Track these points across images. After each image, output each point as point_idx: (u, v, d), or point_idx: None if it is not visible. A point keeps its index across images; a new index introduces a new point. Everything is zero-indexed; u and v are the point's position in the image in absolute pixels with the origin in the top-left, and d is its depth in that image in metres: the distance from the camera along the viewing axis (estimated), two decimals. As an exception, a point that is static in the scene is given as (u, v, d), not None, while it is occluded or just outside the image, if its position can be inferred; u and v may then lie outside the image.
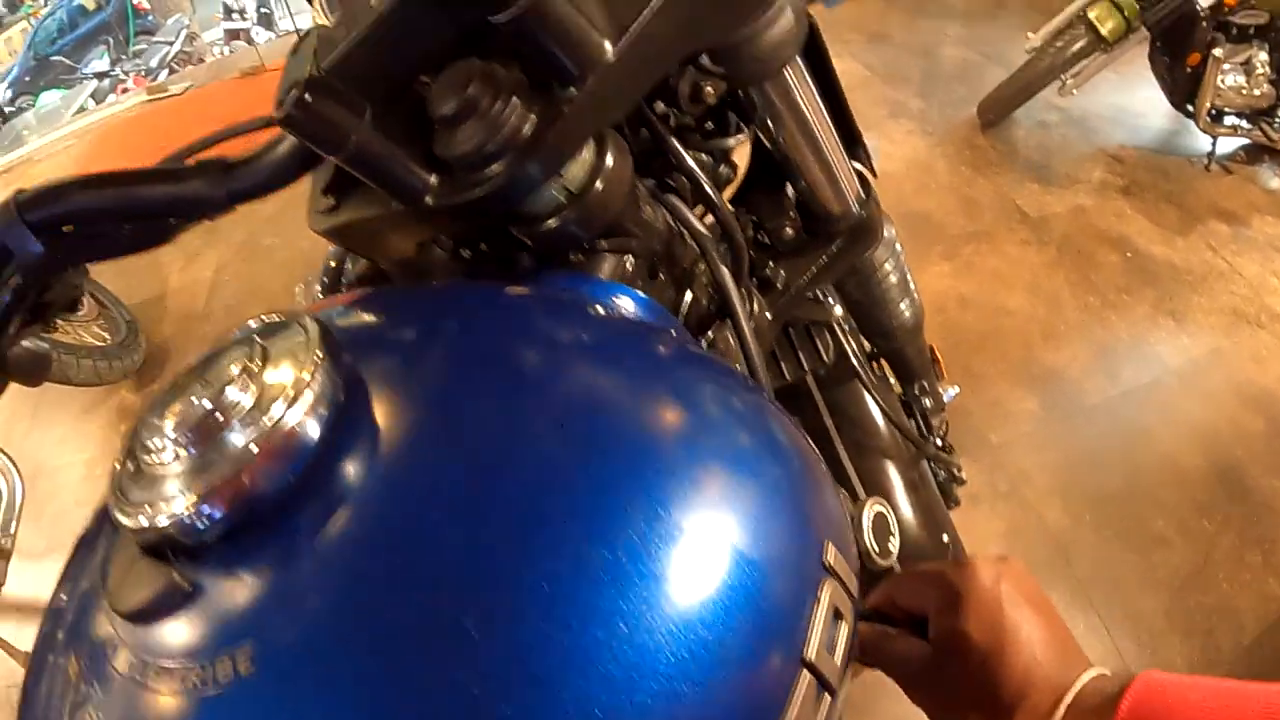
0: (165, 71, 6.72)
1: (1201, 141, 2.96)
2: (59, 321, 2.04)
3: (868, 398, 0.94)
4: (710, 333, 0.62)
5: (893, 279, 0.96)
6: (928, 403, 1.20)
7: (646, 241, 0.55)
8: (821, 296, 0.87)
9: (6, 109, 7.36)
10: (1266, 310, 2.40)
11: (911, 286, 1.00)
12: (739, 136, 0.65)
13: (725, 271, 0.57)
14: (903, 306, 1.00)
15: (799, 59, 0.58)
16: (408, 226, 0.51)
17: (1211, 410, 2.12)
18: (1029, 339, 2.29)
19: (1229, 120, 2.88)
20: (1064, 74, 2.79)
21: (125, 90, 6.69)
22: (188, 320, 2.89)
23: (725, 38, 0.51)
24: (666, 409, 0.39)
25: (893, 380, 1.18)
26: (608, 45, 0.42)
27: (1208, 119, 2.85)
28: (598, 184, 0.47)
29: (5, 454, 2.05)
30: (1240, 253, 2.61)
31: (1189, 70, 2.83)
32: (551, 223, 0.47)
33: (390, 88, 0.43)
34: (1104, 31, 2.72)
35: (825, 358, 0.84)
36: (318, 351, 0.34)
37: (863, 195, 0.75)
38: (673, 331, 0.50)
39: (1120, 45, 2.78)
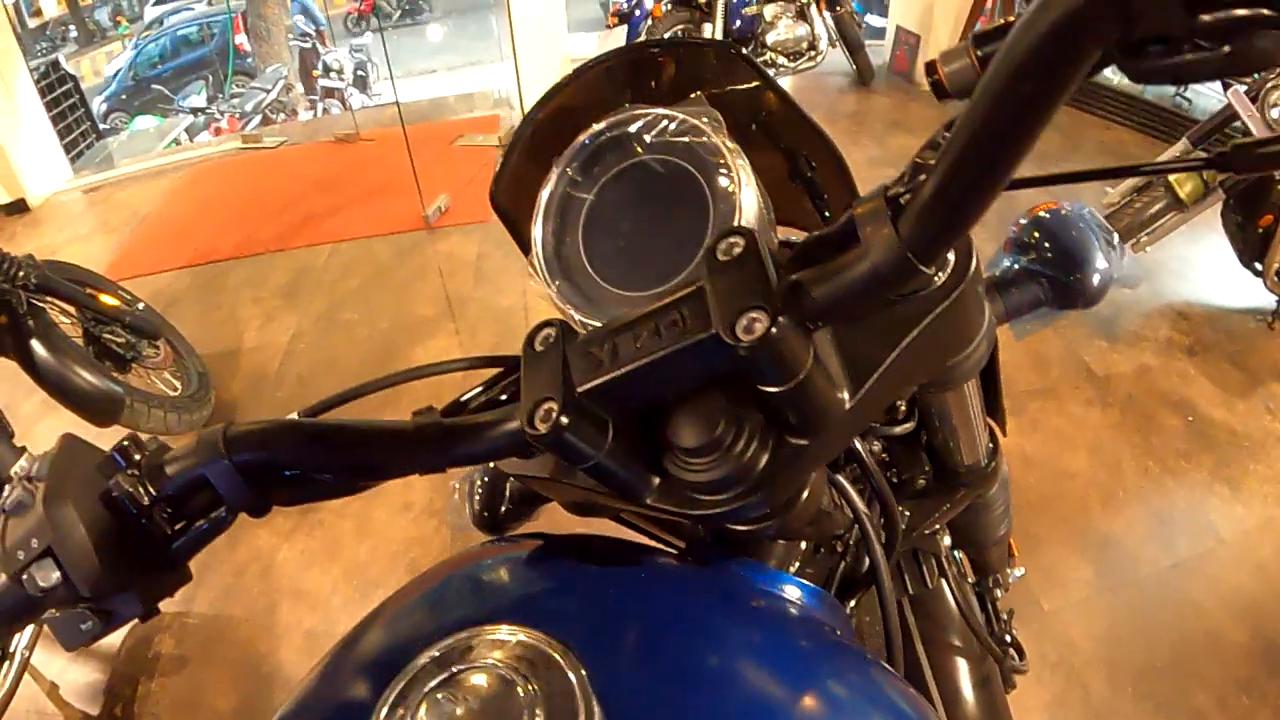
0: (258, 118, 7.00)
1: (1267, 300, 2.98)
2: (133, 364, 2.09)
3: (950, 599, 0.96)
4: (854, 600, 0.64)
5: (999, 511, 0.99)
6: (999, 594, 1.21)
7: (819, 530, 0.57)
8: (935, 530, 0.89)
9: (100, 125, 7.57)
10: (1321, 479, 2.37)
11: (1011, 510, 1.03)
12: (905, 426, 0.69)
13: (881, 554, 0.58)
14: (1001, 528, 1.03)
15: None
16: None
17: (1260, 583, 2.09)
18: (1088, 504, 2.28)
19: (1296, 280, 2.89)
20: (1140, 233, 2.82)
21: (219, 130, 6.98)
22: (258, 383, 2.94)
23: (937, 373, 0.54)
24: None
25: (967, 568, 1.20)
26: (846, 397, 0.44)
27: (1275, 278, 2.85)
28: (803, 496, 0.49)
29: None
30: None
31: (1260, 230, 2.85)
32: (748, 527, 0.49)
33: (636, 411, 0.45)
34: (1183, 194, 2.76)
35: (928, 584, 0.87)
36: (594, 705, 0.37)
37: (991, 449, 0.78)
38: (833, 625, 0.52)
39: (1197, 205, 2.81)
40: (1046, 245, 0.76)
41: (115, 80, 10.82)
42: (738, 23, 4.56)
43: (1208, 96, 4.92)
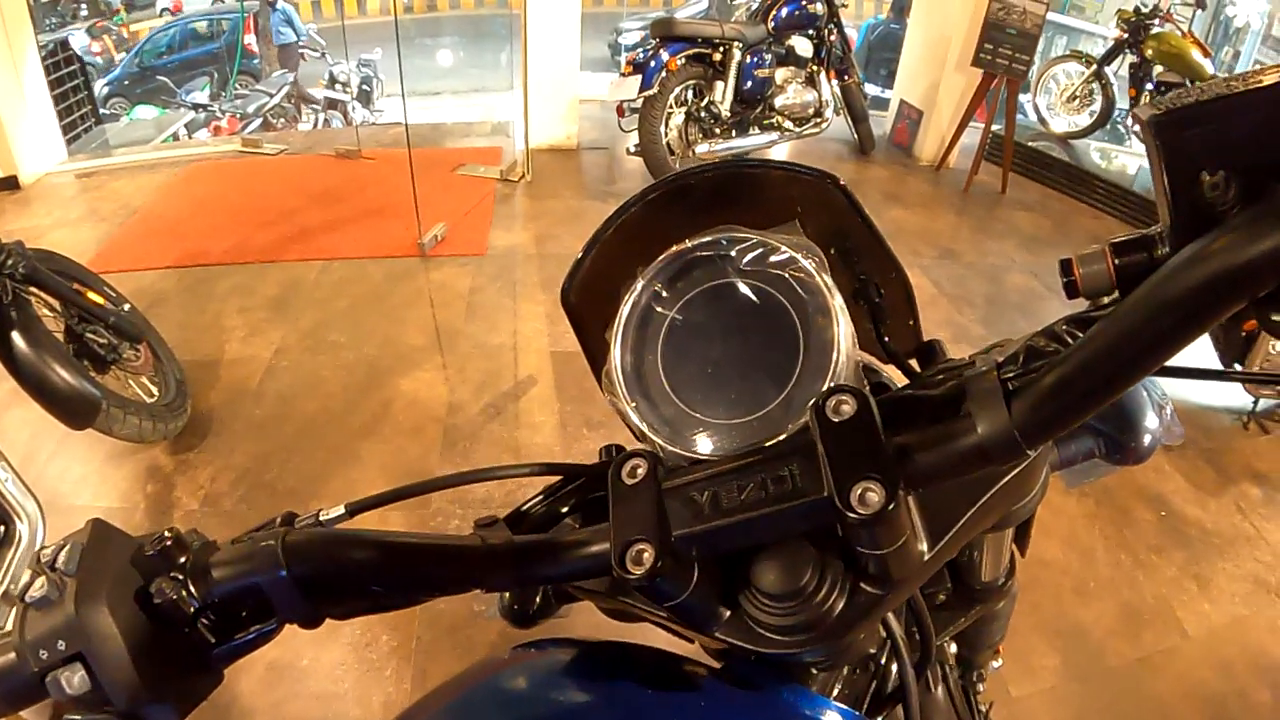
0: (258, 121, 6.98)
1: (1245, 400, 3.09)
2: (113, 366, 2.04)
3: (943, 701, 0.96)
4: (880, 717, 0.64)
5: (1002, 621, 0.99)
6: (981, 688, 1.22)
7: (859, 653, 0.57)
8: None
9: (100, 110, 7.45)
10: (1287, 580, 2.43)
11: (1010, 618, 1.04)
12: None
13: (911, 676, 0.57)
14: (999, 635, 1.03)
15: None
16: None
17: (1224, 680, 2.12)
18: (1060, 593, 2.30)
19: (1276, 383, 2.98)
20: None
21: (218, 130, 6.94)
22: (238, 397, 2.88)
23: (998, 520, 0.53)
24: None
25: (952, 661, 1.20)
26: (925, 549, 0.44)
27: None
28: (862, 635, 0.48)
29: (35, 499, 2.04)
30: (1269, 518, 2.67)
31: (1243, 334, 2.93)
32: (800, 655, 0.47)
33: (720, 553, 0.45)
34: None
35: (931, 688, 0.87)
36: None
37: (1009, 568, 0.79)
38: None
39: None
40: None
41: (120, 65, 10.76)
42: (749, 84, 4.62)
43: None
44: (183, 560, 0.45)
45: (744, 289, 0.50)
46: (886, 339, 0.63)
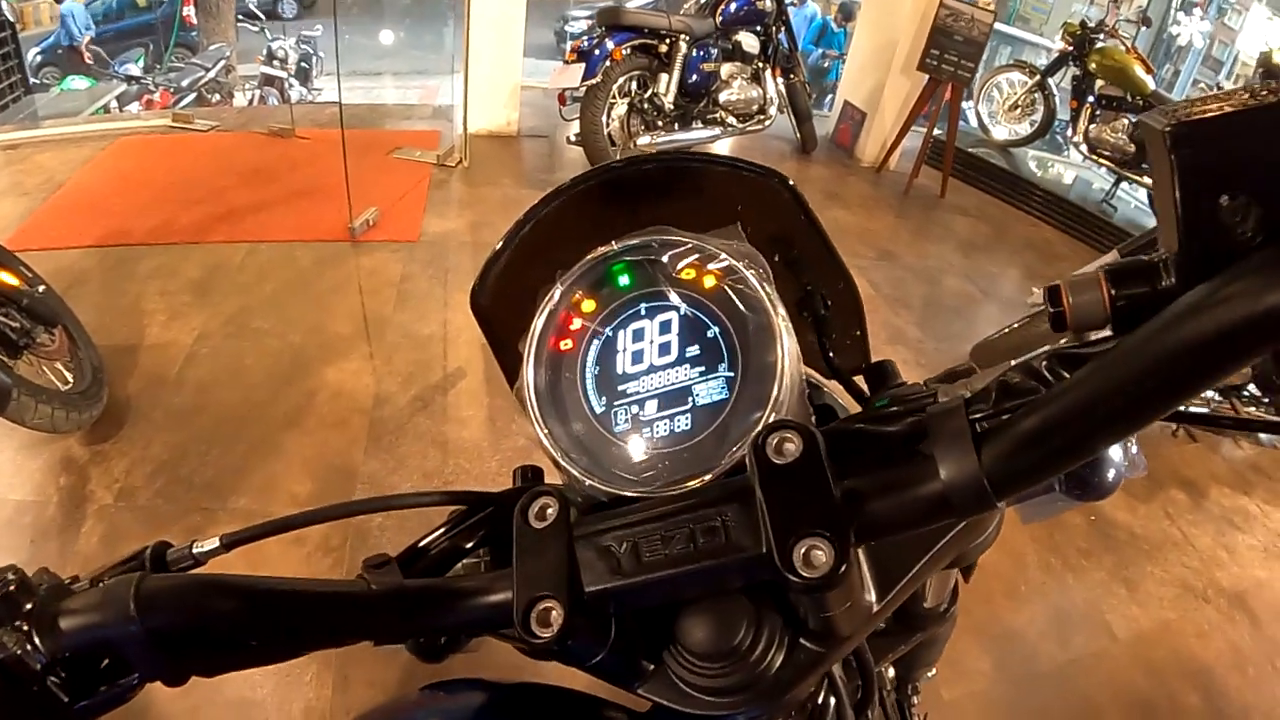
0: (193, 95, 6.72)
1: None
2: (25, 351, 1.93)
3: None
4: None
5: (941, 643, 0.98)
6: (916, 700, 1.21)
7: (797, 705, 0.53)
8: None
9: (31, 80, 7.08)
10: (1213, 585, 2.51)
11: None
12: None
13: (852, 717, 0.55)
14: (936, 656, 1.02)
15: None
16: None
17: (1153, 683, 2.17)
18: (991, 596, 2.32)
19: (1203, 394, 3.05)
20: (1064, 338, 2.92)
21: (150, 103, 6.66)
22: (156, 385, 2.73)
23: (949, 561, 0.50)
24: None
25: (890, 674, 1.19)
26: (873, 601, 0.40)
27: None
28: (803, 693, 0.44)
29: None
30: (1196, 524, 2.76)
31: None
32: (733, 717, 0.42)
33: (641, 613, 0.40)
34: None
35: (869, 716, 0.85)
36: None
37: (952, 594, 0.78)
38: None
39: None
40: None
41: (53, 34, 10.32)
42: (694, 77, 4.60)
43: (1126, 202, 5.21)
44: (29, 607, 0.38)
45: (676, 299, 0.44)
46: (832, 354, 0.58)
